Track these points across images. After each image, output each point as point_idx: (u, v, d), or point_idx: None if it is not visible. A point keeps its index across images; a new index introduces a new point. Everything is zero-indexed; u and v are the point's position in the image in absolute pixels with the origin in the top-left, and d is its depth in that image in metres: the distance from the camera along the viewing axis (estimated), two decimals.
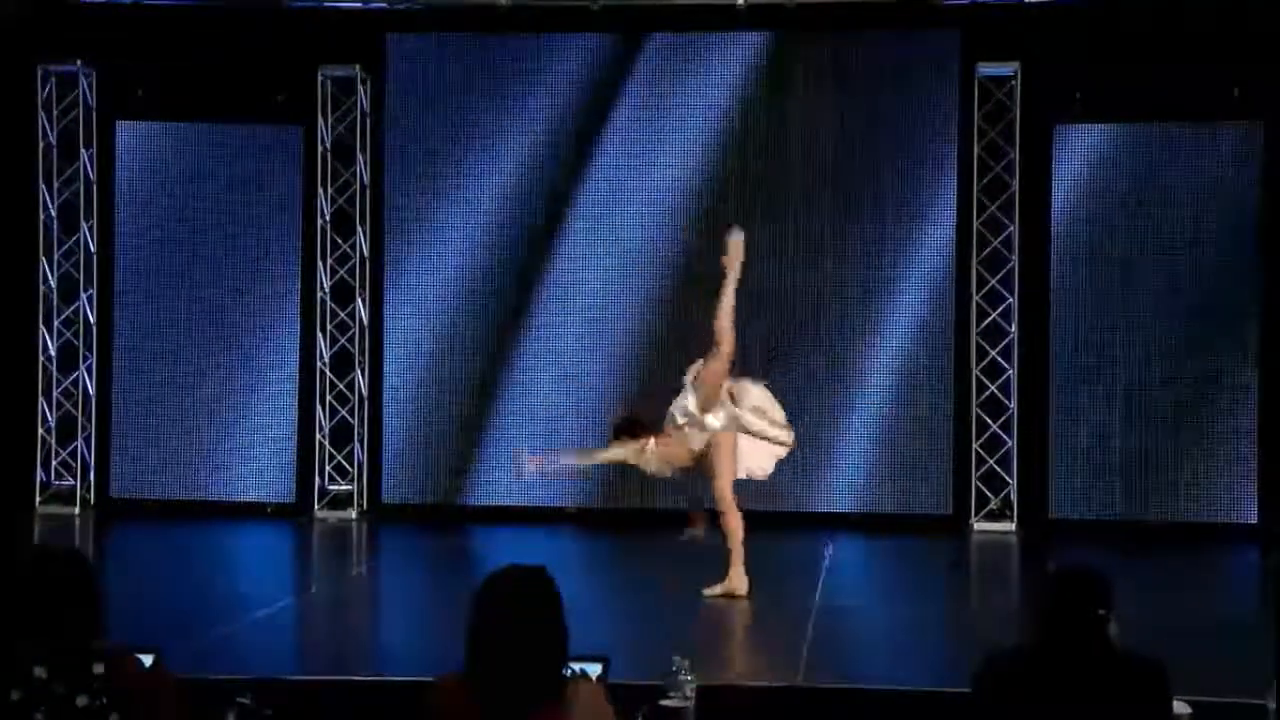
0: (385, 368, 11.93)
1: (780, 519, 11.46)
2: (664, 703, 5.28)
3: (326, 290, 11.96)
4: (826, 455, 11.56)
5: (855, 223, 11.59)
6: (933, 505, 11.49)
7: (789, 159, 11.66)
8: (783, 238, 11.63)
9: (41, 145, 11.95)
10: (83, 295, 12.03)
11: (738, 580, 8.39)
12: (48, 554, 3.65)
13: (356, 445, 11.91)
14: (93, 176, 12.04)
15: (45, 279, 12.01)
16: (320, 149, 11.92)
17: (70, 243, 12.03)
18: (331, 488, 11.93)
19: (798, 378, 11.56)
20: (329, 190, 11.95)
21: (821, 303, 11.62)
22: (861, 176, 11.59)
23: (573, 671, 3.45)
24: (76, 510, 11.86)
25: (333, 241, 11.97)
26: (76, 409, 12.00)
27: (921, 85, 11.54)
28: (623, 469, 11.66)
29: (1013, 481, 11.45)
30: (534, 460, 8.76)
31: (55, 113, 11.97)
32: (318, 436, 11.87)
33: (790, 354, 11.55)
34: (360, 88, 11.93)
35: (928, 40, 11.57)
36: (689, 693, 5.30)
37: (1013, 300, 11.51)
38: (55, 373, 12.03)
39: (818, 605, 8.45)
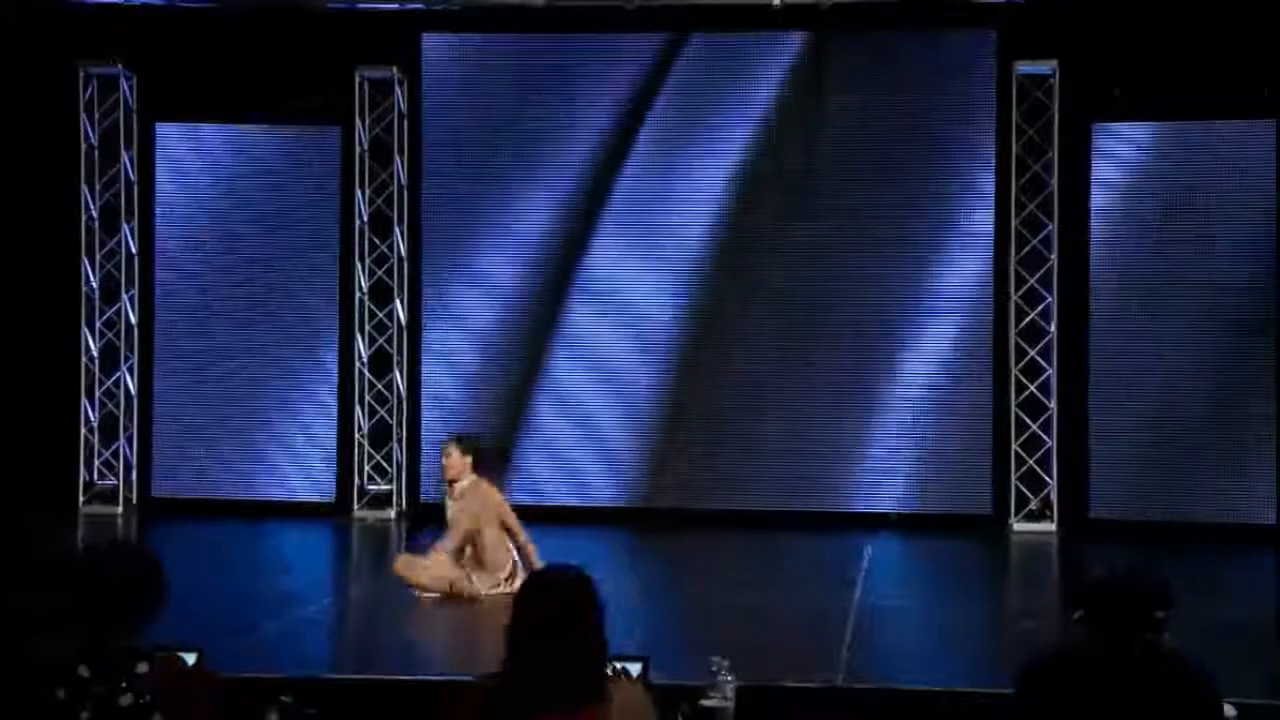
0: (423, 368, 11.96)
1: (819, 519, 11.46)
2: (704, 703, 5.28)
3: (364, 291, 12.00)
4: (865, 455, 11.53)
5: (893, 222, 11.55)
6: (972, 505, 11.44)
7: (825, 159, 11.62)
8: (820, 237, 11.60)
9: (83, 147, 12.03)
10: (124, 296, 12.11)
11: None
12: (122, 550, 3.67)
13: (395, 445, 11.94)
14: (133, 178, 12.11)
15: (87, 280, 12.10)
16: (358, 150, 11.96)
17: (111, 244, 12.11)
18: (370, 487, 11.97)
19: (838, 378, 11.55)
20: (366, 191, 11.99)
21: (859, 302, 11.58)
22: (898, 176, 11.54)
23: (614, 671, 3.45)
24: (119, 509, 11.94)
25: (370, 242, 12.01)
26: (118, 409, 12.09)
27: (958, 84, 11.49)
28: (663, 461, 11.69)
29: (1052, 481, 11.39)
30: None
31: (97, 115, 12.06)
32: (357, 436, 11.91)
33: None
34: (397, 88, 11.96)
35: (964, 39, 11.52)
36: (729, 693, 5.30)
37: (1052, 299, 11.45)
38: (97, 373, 12.11)
39: (857, 605, 8.42)
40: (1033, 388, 11.45)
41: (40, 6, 11.69)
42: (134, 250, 12.13)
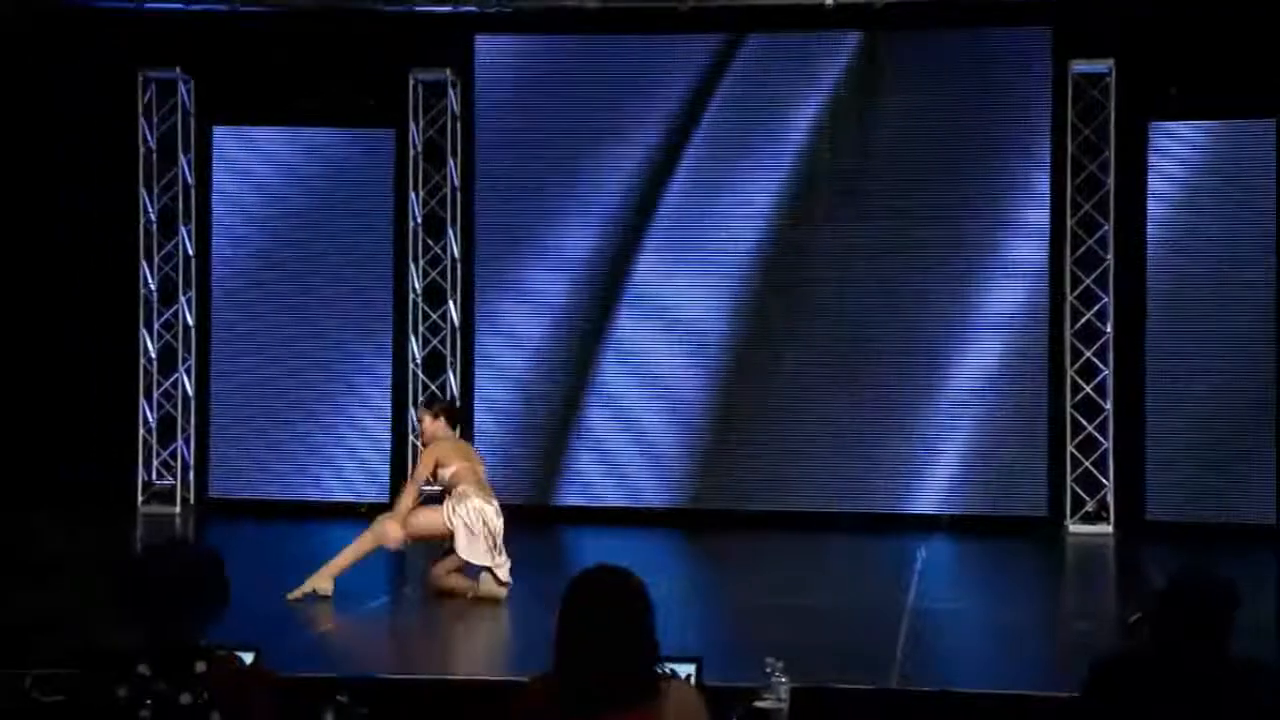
0: (476, 369, 12.01)
1: (870, 520, 11.42)
2: (758, 704, 5.27)
3: (418, 292, 12.06)
4: (919, 456, 11.48)
5: (947, 222, 11.50)
6: (1027, 507, 11.37)
7: (878, 158, 11.58)
8: (872, 238, 11.56)
9: (142, 151, 12.16)
10: (181, 298, 12.23)
11: (323, 580, 8.29)
12: (186, 549, 3.71)
13: None
14: (191, 181, 12.23)
15: (145, 282, 12.22)
16: (411, 152, 12.03)
17: (169, 246, 12.24)
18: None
19: (890, 379, 11.51)
20: (420, 193, 12.05)
21: (912, 303, 11.54)
22: (952, 175, 11.49)
23: (667, 671, 3.45)
24: (177, 509, 12.06)
25: (424, 244, 12.07)
26: (176, 410, 12.21)
27: (1013, 83, 11.42)
28: (713, 463, 11.69)
29: (1109, 483, 11.30)
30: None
31: (155, 119, 12.18)
32: (411, 437, 11.96)
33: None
34: (450, 91, 12.02)
35: (1018, 37, 11.46)
36: (783, 694, 5.28)
37: (1108, 300, 11.36)
38: (156, 374, 12.24)
39: (911, 607, 8.39)
40: (1088, 389, 11.37)
41: (103, 14, 11.83)
42: (191, 252, 12.25)
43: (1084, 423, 11.35)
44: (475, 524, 8.21)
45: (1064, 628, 8.30)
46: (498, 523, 8.27)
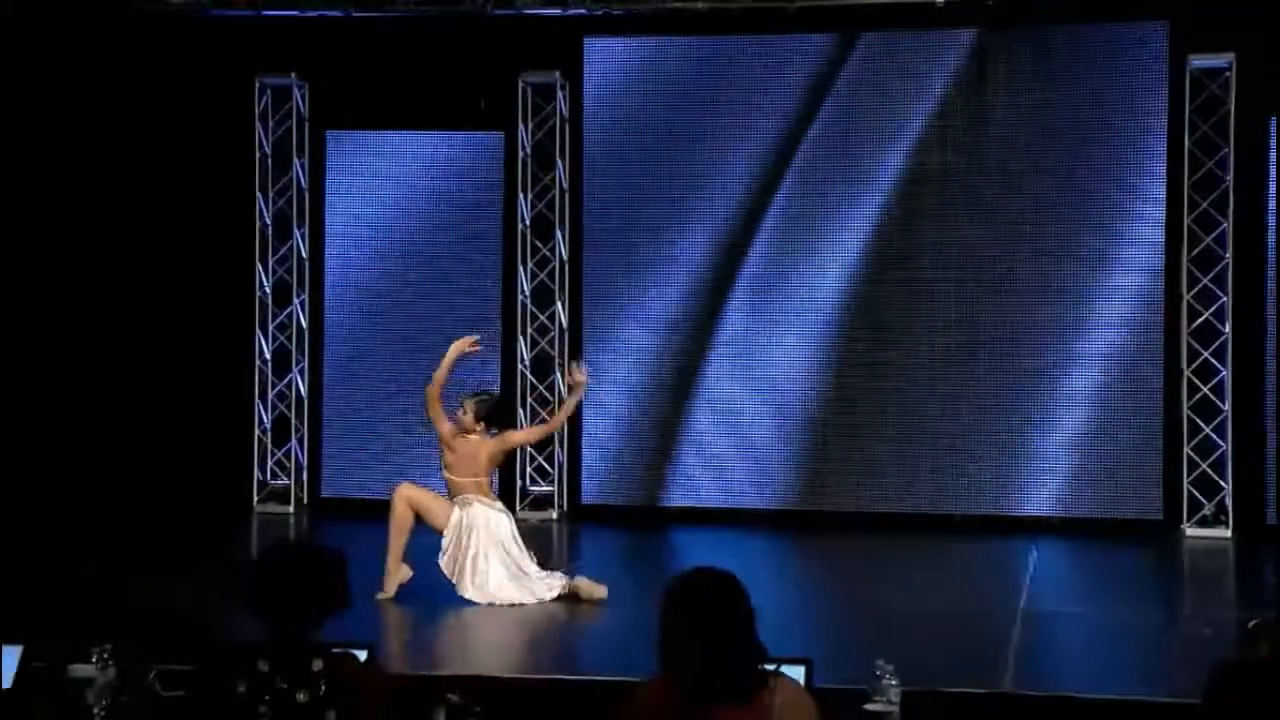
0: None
1: (983, 522, 11.30)
2: (868, 707, 5.23)
3: (527, 294, 12.15)
4: (1030, 457, 11.35)
5: (1059, 220, 11.35)
6: (1141, 510, 11.19)
7: (990, 156, 11.46)
8: (984, 237, 11.45)
9: (258, 155, 12.37)
10: (295, 300, 12.42)
11: (394, 569, 8.44)
12: (309, 549, 3.78)
13: (557, 447, 12.05)
14: (304, 185, 12.42)
15: (261, 284, 12.43)
16: (520, 154, 12.11)
17: (284, 249, 12.44)
18: (532, 489, 12.10)
19: (1002, 379, 11.38)
20: (529, 195, 12.13)
21: (1025, 302, 11.40)
22: (1066, 173, 11.34)
23: (776, 670, 3.46)
24: (291, 509, 12.25)
25: (533, 246, 12.15)
26: (290, 411, 12.40)
27: (1128, 79, 11.24)
28: (821, 464, 11.63)
29: (1227, 486, 11.08)
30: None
31: (271, 124, 12.39)
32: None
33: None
34: (559, 93, 12.08)
35: (1134, 32, 11.27)
36: (894, 698, 5.25)
37: (1227, 299, 11.14)
38: (270, 375, 12.44)
39: (1023, 609, 8.29)
40: (1205, 389, 11.15)
41: (221, 21, 12.06)
42: (305, 255, 12.44)
43: (1201, 425, 11.14)
44: (468, 534, 8.35)
45: (1181, 632, 8.15)
46: (499, 530, 8.36)
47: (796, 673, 4.45)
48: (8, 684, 5.34)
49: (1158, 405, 11.19)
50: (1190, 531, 11.03)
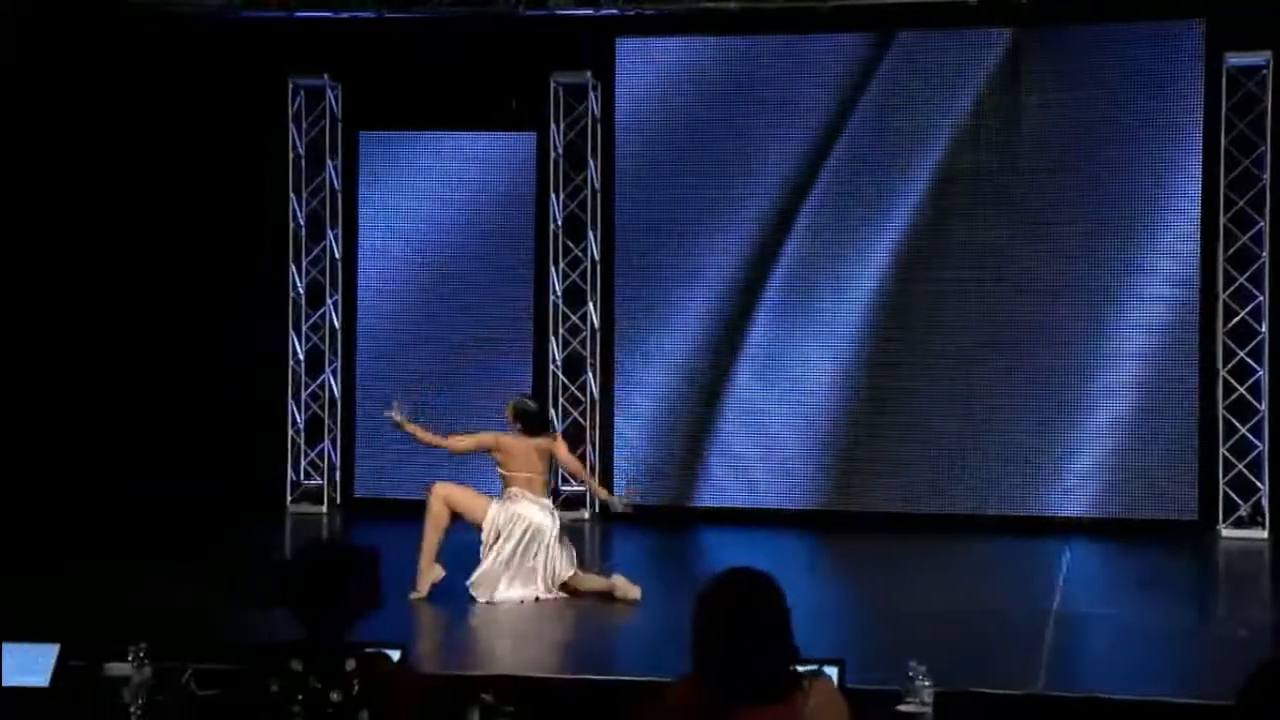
0: (616, 371, 12.07)
1: (1016, 523, 11.25)
2: (901, 708, 5.23)
3: (559, 294, 12.16)
4: (1064, 457, 11.29)
5: (1093, 219, 11.30)
6: (1176, 511, 11.12)
7: (1025, 156, 11.41)
8: (1018, 236, 11.40)
9: (291, 156, 12.43)
10: (328, 301, 12.47)
11: (427, 569, 8.52)
12: (341, 549, 3.79)
13: (588, 447, 12.06)
14: (338, 186, 12.47)
15: (294, 285, 12.48)
16: (552, 155, 12.13)
17: (317, 250, 12.49)
18: (565, 488, 12.10)
19: (1035, 379, 11.33)
20: (561, 195, 12.14)
21: (1056, 302, 11.35)
22: (1101, 171, 11.29)
23: (815, 671, 3.45)
24: (324, 509, 12.29)
25: (564, 246, 12.16)
26: (323, 411, 12.45)
27: (1164, 77, 11.18)
28: (852, 465, 11.60)
29: (1264, 487, 11.00)
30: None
31: (304, 125, 12.44)
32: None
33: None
34: (591, 93, 12.09)
35: (1170, 30, 11.21)
36: (927, 699, 5.24)
37: (1263, 299, 11.06)
38: (303, 375, 12.49)
39: (1056, 611, 8.25)
40: (1242, 389, 11.08)
41: (255, 23, 12.12)
42: (338, 256, 12.48)
43: (1237, 425, 11.07)
44: (506, 528, 8.33)
45: (1216, 634, 8.10)
46: (542, 527, 8.41)
47: (829, 674, 4.44)
48: (45, 682, 5.38)
49: (1193, 405, 11.12)
50: (1226, 532, 10.96)
